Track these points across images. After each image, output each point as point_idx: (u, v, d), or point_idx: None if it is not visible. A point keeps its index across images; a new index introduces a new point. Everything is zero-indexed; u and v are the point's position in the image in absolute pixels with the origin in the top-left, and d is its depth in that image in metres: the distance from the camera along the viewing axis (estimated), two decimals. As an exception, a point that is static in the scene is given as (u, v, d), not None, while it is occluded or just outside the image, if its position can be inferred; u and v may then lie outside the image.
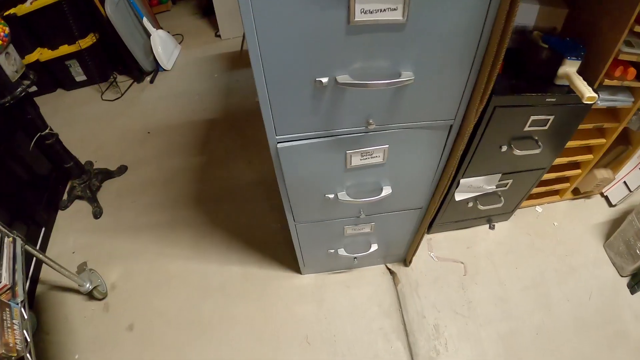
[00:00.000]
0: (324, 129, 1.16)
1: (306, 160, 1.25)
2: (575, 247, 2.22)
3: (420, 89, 1.07)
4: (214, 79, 3.52)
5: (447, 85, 1.09)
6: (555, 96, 1.45)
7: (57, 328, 2.02)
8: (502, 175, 1.84)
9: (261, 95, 1.02)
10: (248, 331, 1.96)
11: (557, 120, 1.55)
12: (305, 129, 1.15)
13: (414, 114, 1.15)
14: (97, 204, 2.52)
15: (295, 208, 1.50)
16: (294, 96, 1.04)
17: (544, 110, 1.50)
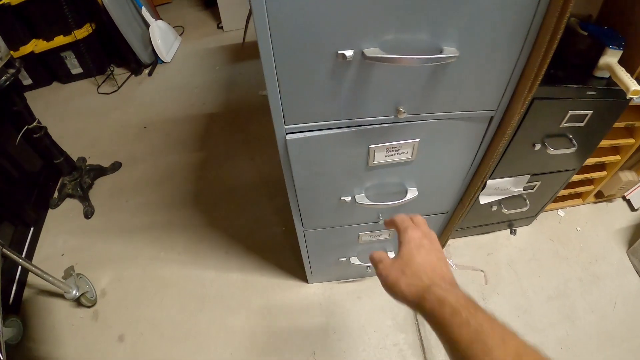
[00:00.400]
0: (343, 117, 0.97)
1: (320, 155, 1.07)
2: (598, 254, 2.13)
3: (462, 70, 0.89)
4: (216, 72, 3.39)
5: (493, 68, 0.91)
6: (595, 89, 1.31)
7: (44, 336, 1.90)
8: (531, 176, 1.72)
9: (267, 73, 0.83)
10: (248, 346, 1.82)
11: (594, 116, 1.41)
12: (321, 117, 0.96)
13: (452, 102, 0.98)
14: (89, 203, 2.39)
15: (305, 212, 1.31)
16: (308, 75, 0.85)
17: (583, 105, 1.37)
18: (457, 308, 0.57)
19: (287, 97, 0.89)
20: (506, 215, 1.95)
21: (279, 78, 0.85)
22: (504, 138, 1.10)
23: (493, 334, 0.53)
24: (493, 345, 0.51)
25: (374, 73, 0.86)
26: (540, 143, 1.49)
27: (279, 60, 0.81)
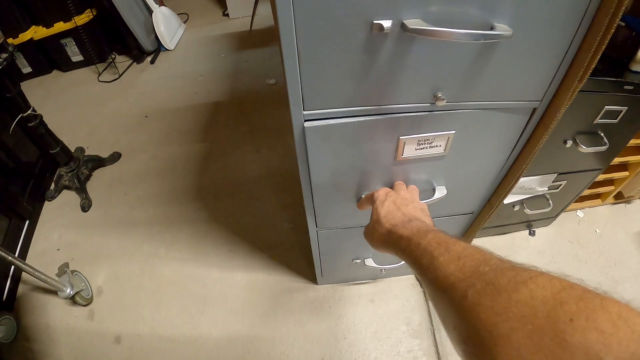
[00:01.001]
0: (372, 103, 0.85)
1: (342, 146, 0.94)
2: (617, 258, 2.07)
3: (512, 52, 0.78)
4: (221, 60, 3.31)
5: (544, 51, 0.81)
6: (633, 84, 1.24)
7: (38, 335, 1.83)
8: (558, 175, 1.66)
9: (286, 47, 0.71)
10: (253, 352, 1.73)
11: (628, 112, 1.35)
12: (346, 102, 0.84)
13: (495, 90, 0.86)
14: (86, 196, 2.31)
15: (320, 211, 1.20)
16: (336, 49, 0.72)
17: (619, 100, 1.30)
18: (410, 237, 0.68)
19: (308, 77, 0.77)
20: (527, 215, 1.90)
21: (300, 53, 0.72)
22: (547, 133, 1.00)
23: (439, 246, 0.60)
24: (438, 254, 0.59)
25: (412, 50, 0.74)
26: (572, 140, 1.43)
27: (301, 30, 0.69)
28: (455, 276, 0.53)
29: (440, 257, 0.58)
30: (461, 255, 0.56)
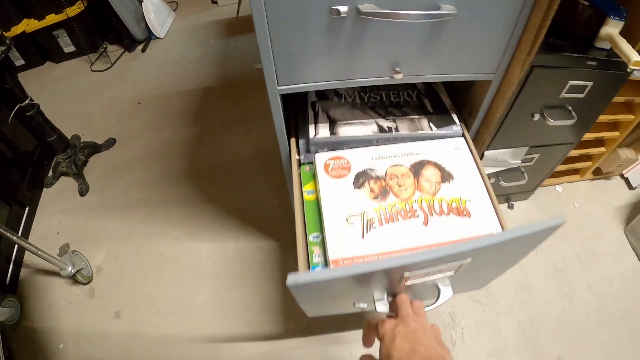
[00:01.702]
0: (338, 77, 0.95)
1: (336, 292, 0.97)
2: (596, 232, 2.14)
3: (460, 29, 0.86)
4: (210, 47, 3.34)
5: (491, 28, 0.89)
6: (596, 59, 1.30)
7: (41, 315, 1.89)
8: (530, 148, 1.72)
9: (259, 30, 0.80)
10: (244, 320, 1.81)
11: (594, 87, 1.40)
12: (316, 77, 0.94)
13: (450, 64, 0.95)
14: (83, 181, 2.37)
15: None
16: (302, 32, 0.82)
17: (583, 75, 1.35)
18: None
19: (280, 56, 0.87)
20: (504, 188, 1.94)
21: (271, 36, 0.82)
22: (503, 103, 1.08)
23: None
24: None
25: (369, 30, 0.83)
26: (539, 114, 1.48)
27: (272, 16, 0.78)
28: None
29: None
30: None
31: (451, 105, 1.29)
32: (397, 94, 1.32)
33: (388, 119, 1.23)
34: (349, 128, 1.20)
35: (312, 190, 1.13)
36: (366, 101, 1.29)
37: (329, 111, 1.25)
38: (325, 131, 1.19)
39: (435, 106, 1.29)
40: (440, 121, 1.24)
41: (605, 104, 1.56)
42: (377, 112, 1.26)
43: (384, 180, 1.08)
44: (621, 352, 1.76)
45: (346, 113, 1.24)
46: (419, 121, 1.23)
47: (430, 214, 1.02)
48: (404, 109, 1.27)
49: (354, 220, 1.00)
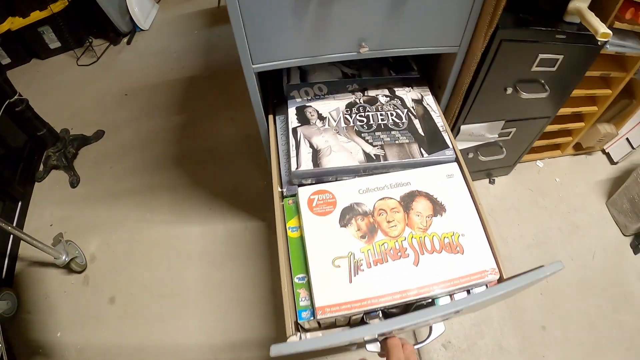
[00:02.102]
0: (308, 54, 0.99)
1: None
2: (577, 205, 2.17)
3: (423, 3, 0.90)
4: (194, 36, 3.35)
5: (453, 2, 0.92)
6: (565, 33, 1.32)
7: (38, 306, 1.93)
8: (506, 122, 1.73)
9: (232, 11, 0.85)
10: (234, 297, 1.86)
11: (566, 61, 1.42)
12: (287, 54, 0.99)
13: (413, 38, 0.99)
14: (74, 173, 2.39)
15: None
16: (271, 11, 0.86)
17: (553, 49, 1.37)
18: None
19: (252, 35, 0.92)
20: (483, 163, 1.95)
21: (243, 16, 0.87)
22: (469, 75, 1.11)
23: None
24: None
25: (334, 9, 0.88)
26: (512, 87, 1.49)
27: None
28: None
29: None
30: None
31: (444, 125, 1.22)
32: (385, 114, 1.23)
33: (375, 145, 1.15)
34: (333, 157, 1.12)
35: (296, 227, 1.06)
36: (352, 124, 1.20)
37: (311, 139, 1.16)
38: (308, 161, 1.11)
39: (426, 128, 1.21)
40: (432, 145, 1.17)
41: (579, 77, 1.58)
42: (364, 138, 1.17)
43: (372, 216, 1.02)
44: (605, 321, 1.80)
45: (330, 140, 1.16)
46: (409, 146, 1.15)
47: (422, 252, 0.97)
48: (393, 132, 1.19)
49: (340, 262, 0.96)
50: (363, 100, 1.25)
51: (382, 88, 1.31)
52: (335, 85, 1.29)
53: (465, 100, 1.51)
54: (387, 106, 1.26)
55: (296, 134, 1.18)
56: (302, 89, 1.28)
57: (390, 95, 1.27)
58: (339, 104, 1.24)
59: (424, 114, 1.24)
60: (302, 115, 1.23)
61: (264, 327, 1.79)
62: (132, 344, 1.80)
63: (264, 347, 1.75)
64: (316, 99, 1.26)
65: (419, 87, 1.32)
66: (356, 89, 1.29)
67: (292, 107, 1.23)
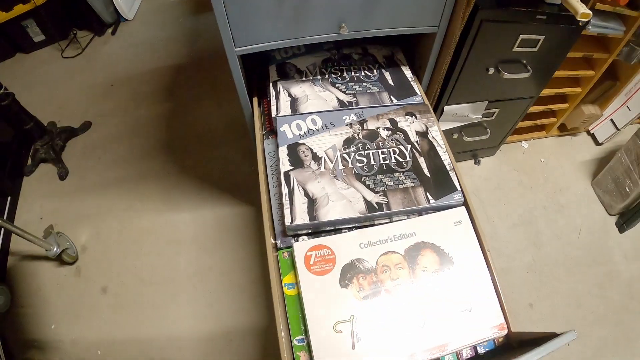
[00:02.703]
0: (289, 36, 1.00)
1: None
2: (563, 185, 2.19)
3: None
4: (179, 25, 3.32)
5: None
6: (546, 13, 1.32)
7: (31, 299, 1.93)
8: (489, 103, 1.74)
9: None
10: (225, 282, 1.87)
11: (547, 41, 1.43)
12: (269, 37, 0.99)
13: (392, 18, 0.99)
14: (62, 165, 2.38)
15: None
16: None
17: (534, 29, 1.38)
18: None
19: (234, 19, 0.92)
20: (468, 143, 1.97)
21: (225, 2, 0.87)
22: (448, 55, 1.11)
23: None
24: None
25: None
26: (494, 68, 1.50)
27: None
28: None
29: None
30: None
31: (451, 163, 1.14)
32: (387, 152, 1.13)
33: (377, 191, 1.06)
34: (331, 207, 1.03)
35: (293, 283, 0.97)
36: (350, 166, 1.10)
37: (306, 186, 1.06)
38: (303, 213, 1.02)
39: (432, 167, 1.13)
40: (439, 188, 1.09)
41: (561, 57, 1.59)
42: (364, 182, 1.08)
43: (375, 274, 0.95)
44: (590, 298, 1.82)
45: (327, 187, 1.07)
46: (413, 191, 1.07)
47: (428, 312, 0.92)
48: (396, 175, 1.10)
49: (342, 327, 0.89)
50: (362, 135, 1.13)
51: (382, 119, 1.18)
52: (331, 116, 1.15)
53: (447, 80, 1.51)
54: (388, 142, 1.14)
55: (289, 181, 1.06)
56: (293, 122, 1.14)
57: (392, 128, 1.14)
58: (335, 141, 1.12)
59: (429, 150, 1.15)
60: (295, 155, 1.10)
61: (255, 311, 1.80)
62: (126, 333, 1.81)
63: (255, 331, 1.77)
64: (310, 134, 1.13)
65: (423, 114, 1.20)
66: (354, 121, 1.15)
67: (282, 145, 1.11)
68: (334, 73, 1.23)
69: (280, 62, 1.26)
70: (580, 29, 1.43)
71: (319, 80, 1.20)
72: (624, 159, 1.99)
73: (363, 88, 1.18)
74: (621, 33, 1.68)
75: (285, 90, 1.18)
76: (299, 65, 1.24)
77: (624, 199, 2.00)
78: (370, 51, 1.31)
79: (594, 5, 1.50)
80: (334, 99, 1.14)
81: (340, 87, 1.18)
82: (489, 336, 0.92)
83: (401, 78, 1.23)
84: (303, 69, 1.24)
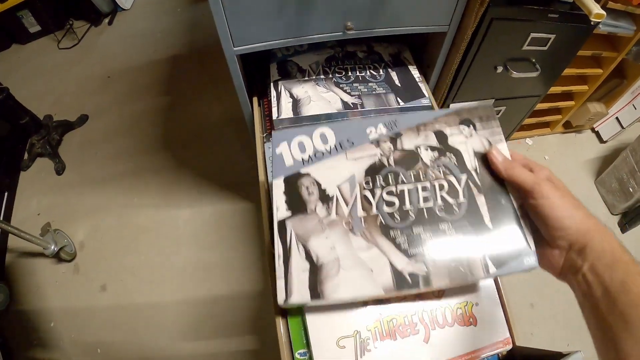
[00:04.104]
0: (291, 35, 0.95)
1: None
2: (566, 183, 2.08)
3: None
4: (178, 15, 3.26)
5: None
6: (558, 12, 1.28)
7: (30, 297, 1.92)
8: (495, 101, 1.71)
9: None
10: (225, 280, 1.86)
11: (557, 40, 1.39)
12: (270, 36, 0.94)
13: (401, 17, 0.95)
14: (59, 160, 2.35)
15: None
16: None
17: (545, 28, 1.34)
18: (604, 284, 0.51)
19: (233, 16, 0.87)
20: None
21: None
22: (458, 55, 1.08)
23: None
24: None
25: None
26: (502, 66, 1.46)
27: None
28: None
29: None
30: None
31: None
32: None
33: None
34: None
35: None
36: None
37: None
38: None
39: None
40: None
41: (570, 56, 1.56)
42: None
43: None
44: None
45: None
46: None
47: (433, 327, 0.84)
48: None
49: (345, 343, 0.81)
50: (394, 159, 0.82)
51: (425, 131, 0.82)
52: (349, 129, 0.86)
53: (454, 78, 1.48)
54: (433, 170, 0.81)
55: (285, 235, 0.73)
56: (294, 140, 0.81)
57: (439, 148, 0.83)
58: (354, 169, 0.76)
59: (493, 183, 1.00)
60: (294, 193, 0.73)
61: (254, 310, 1.79)
62: (125, 332, 1.80)
63: (255, 331, 1.76)
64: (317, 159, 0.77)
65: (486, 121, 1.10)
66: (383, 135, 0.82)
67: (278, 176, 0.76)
68: (337, 72, 1.18)
69: (281, 60, 1.21)
70: (591, 28, 1.40)
71: (322, 80, 1.15)
72: (629, 159, 1.98)
73: (368, 89, 1.13)
74: (631, 32, 1.66)
75: (287, 90, 1.13)
76: (301, 63, 1.19)
77: (628, 199, 1.99)
78: (376, 49, 1.25)
79: (606, 3, 1.48)
80: (338, 101, 1.09)
81: (345, 88, 1.13)
82: (493, 351, 0.88)
83: (408, 78, 1.17)
84: (305, 68, 1.18)
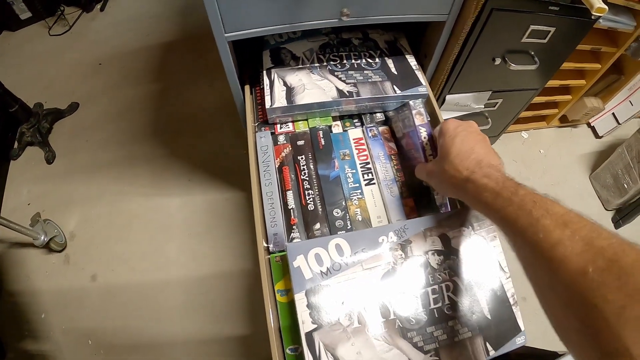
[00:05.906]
0: (285, 21, 0.91)
1: None
2: (561, 177, 2.19)
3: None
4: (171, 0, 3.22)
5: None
6: (559, 4, 1.26)
7: (20, 288, 1.90)
8: (493, 93, 1.69)
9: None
10: (217, 268, 1.85)
11: (557, 33, 1.37)
12: (263, 22, 0.90)
13: (400, 5, 0.91)
14: (49, 148, 2.32)
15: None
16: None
17: (545, 20, 1.32)
18: (497, 190, 0.62)
19: (224, 1, 0.83)
20: None
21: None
22: (457, 45, 1.05)
23: (536, 206, 0.56)
24: (538, 216, 0.54)
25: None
26: (501, 58, 1.44)
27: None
28: (565, 246, 0.49)
29: (542, 219, 0.53)
30: (567, 221, 0.51)
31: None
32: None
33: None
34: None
35: (285, 290, 0.85)
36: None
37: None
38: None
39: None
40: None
41: (569, 50, 1.55)
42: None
43: None
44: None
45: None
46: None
47: None
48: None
49: None
50: (404, 267, 0.83)
51: (431, 236, 0.87)
52: (362, 240, 0.85)
53: (451, 69, 1.45)
54: (440, 273, 0.85)
55: (313, 345, 0.76)
56: (310, 252, 0.82)
57: (443, 251, 0.86)
58: (370, 278, 0.81)
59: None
60: (318, 307, 0.78)
61: (247, 300, 1.78)
62: (116, 322, 1.79)
63: (247, 322, 1.75)
64: (335, 271, 0.81)
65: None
66: (394, 244, 0.85)
67: (300, 291, 0.81)
68: (332, 60, 1.15)
69: (274, 47, 1.17)
70: (592, 22, 1.38)
71: (317, 68, 1.12)
72: (624, 155, 1.99)
73: (364, 77, 1.10)
74: (631, 28, 1.66)
75: (280, 78, 1.09)
76: (294, 51, 1.16)
77: (622, 195, 2.00)
78: (371, 36, 1.23)
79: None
80: (333, 89, 1.06)
81: (340, 76, 1.10)
82: None
83: (405, 66, 1.14)
84: (299, 56, 1.15)
